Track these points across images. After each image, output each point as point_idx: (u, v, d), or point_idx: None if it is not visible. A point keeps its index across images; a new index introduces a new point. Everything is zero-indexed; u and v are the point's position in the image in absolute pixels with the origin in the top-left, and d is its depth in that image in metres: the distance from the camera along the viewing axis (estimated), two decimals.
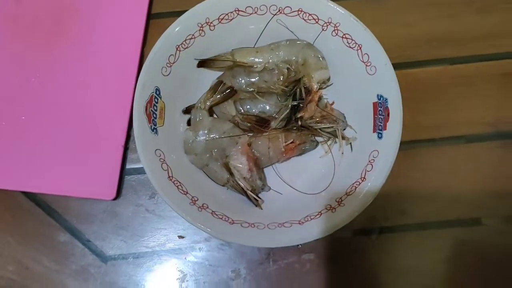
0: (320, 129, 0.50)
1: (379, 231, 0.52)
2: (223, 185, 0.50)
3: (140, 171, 0.54)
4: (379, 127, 0.47)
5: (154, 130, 0.47)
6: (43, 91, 0.55)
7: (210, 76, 0.52)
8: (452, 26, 0.58)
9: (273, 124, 0.50)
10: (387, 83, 0.47)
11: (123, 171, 0.53)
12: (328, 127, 0.50)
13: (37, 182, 0.52)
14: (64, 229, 0.52)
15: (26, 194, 0.53)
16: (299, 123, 0.49)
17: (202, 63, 0.51)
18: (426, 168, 0.53)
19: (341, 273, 0.51)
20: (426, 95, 0.55)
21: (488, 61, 0.56)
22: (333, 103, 0.52)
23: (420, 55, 0.57)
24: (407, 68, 0.56)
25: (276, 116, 0.51)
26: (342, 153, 0.50)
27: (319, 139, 0.52)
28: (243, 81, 0.51)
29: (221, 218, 0.45)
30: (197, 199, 0.46)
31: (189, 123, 0.51)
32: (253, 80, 0.51)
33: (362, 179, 0.46)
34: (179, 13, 0.58)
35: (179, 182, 0.46)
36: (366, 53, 0.48)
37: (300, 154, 0.51)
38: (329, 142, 0.51)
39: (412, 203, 0.52)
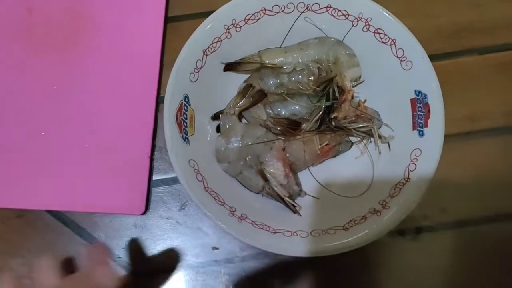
0: (354, 128, 0.48)
1: (416, 230, 0.50)
2: (257, 193, 0.47)
3: (168, 182, 0.52)
4: (419, 124, 0.45)
5: (186, 140, 0.45)
6: (61, 104, 0.53)
7: (236, 79, 0.50)
8: (479, 15, 0.56)
9: (305, 126, 0.48)
10: (426, 78, 0.45)
11: (150, 183, 0.51)
12: (363, 126, 0.48)
13: (63, 200, 0.50)
14: None
15: (52, 213, 0.50)
16: (333, 123, 0.48)
17: (229, 67, 0.49)
18: (462, 162, 0.52)
19: (377, 275, 0.49)
20: (458, 87, 0.54)
21: None
22: (365, 100, 0.50)
23: (449, 47, 0.55)
24: (437, 60, 0.54)
25: (308, 118, 0.49)
26: (380, 152, 0.48)
27: (353, 139, 0.50)
28: (272, 82, 0.49)
29: (262, 228, 0.43)
30: (235, 210, 0.44)
31: (218, 129, 0.49)
32: (282, 81, 0.49)
33: (406, 179, 0.44)
34: (197, 15, 0.56)
35: (215, 193, 0.44)
36: (400, 48, 0.46)
37: (334, 156, 0.49)
38: (364, 142, 0.49)
39: (451, 200, 0.51)
